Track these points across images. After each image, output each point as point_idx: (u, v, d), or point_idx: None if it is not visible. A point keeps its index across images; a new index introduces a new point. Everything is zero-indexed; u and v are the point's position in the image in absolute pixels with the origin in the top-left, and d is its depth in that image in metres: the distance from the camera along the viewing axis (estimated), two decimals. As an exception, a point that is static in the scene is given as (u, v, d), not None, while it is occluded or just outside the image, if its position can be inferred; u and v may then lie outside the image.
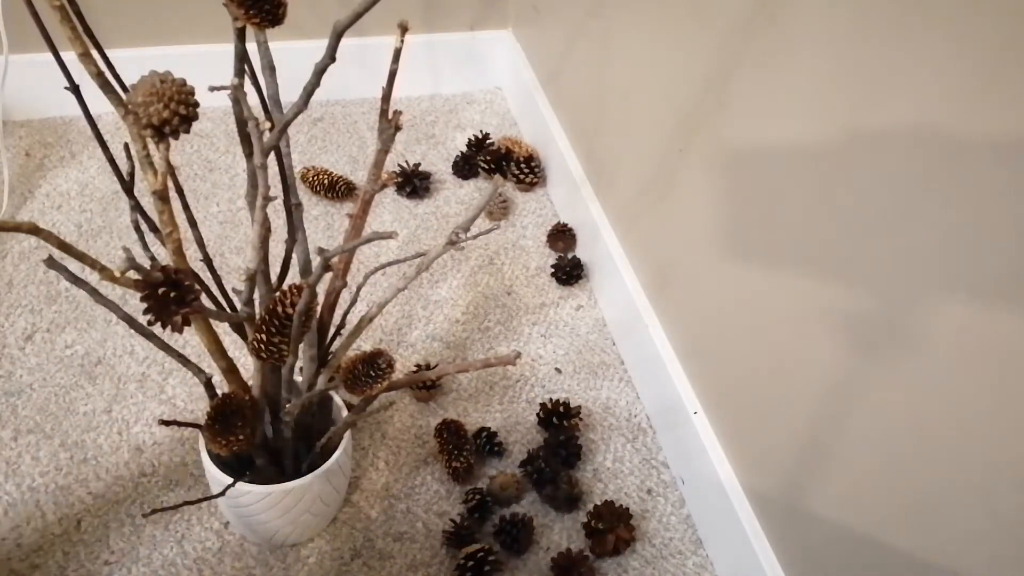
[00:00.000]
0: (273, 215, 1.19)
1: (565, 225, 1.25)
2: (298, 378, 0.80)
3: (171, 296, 0.50)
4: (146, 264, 0.56)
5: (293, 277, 0.88)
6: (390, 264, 0.76)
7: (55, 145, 1.31)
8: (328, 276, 0.78)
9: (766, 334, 0.79)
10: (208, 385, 0.74)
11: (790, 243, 0.74)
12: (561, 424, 0.98)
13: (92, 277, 1.11)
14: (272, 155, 1.03)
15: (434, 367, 1.01)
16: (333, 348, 0.79)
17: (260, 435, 0.78)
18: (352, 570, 0.86)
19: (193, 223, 0.77)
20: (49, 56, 0.65)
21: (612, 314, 1.14)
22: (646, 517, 0.94)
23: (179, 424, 0.68)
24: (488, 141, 1.38)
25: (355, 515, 0.91)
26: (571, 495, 0.92)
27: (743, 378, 0.84)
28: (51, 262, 0.56)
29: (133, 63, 0.84)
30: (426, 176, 1.31)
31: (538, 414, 1.01)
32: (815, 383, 0.72)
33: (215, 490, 0.76)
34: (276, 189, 1.16)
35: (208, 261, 0.79)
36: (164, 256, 1.11)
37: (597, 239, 1.16)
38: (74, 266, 1.12)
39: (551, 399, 1.01)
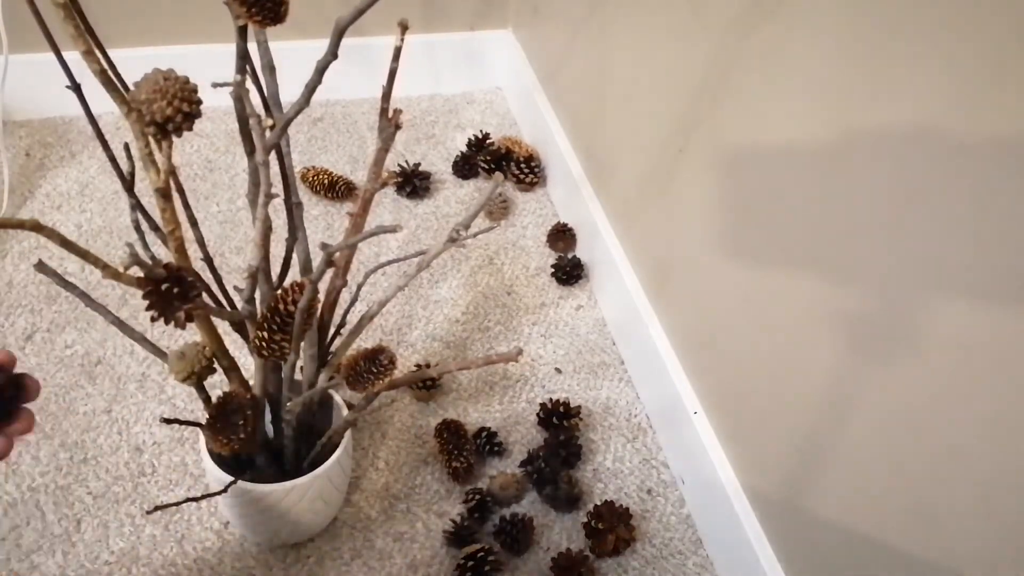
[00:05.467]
0: (273, 214, 1.19)
1: (565, 225, 1.25)
2: (298, 377, 0.80)
3: (174, 292, 0.50)
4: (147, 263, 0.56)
5: (294, 276, 0.88)
6: (390, 263, 0.76)
7: (55, 145, 1.31)
8: (328, 275, 0.78)
9: (766, 334, 0.79)
10: (200, 388, 0.73)
11: (790, 242, 0.74)
12: (561, 424, 0.98)
13: (92, 277, 1.11)
14: (272, 154, 1.03)
15: (435, 366, 1.01)
16: (333, 347, 0.79)
17: (261, 434, 0.78)
18: (352, 570, 0.86)
19: (194, 222, 0.77)
20: (49, 56, 0.65)
21: (612, 314, 1.14)
22: (646, 517, 0.94)
23: (180, 423, 0.68)
24: (488, 141, 1.38)
25: (355, 515, 0.91)
26: (571, 495, 0.92)
27: (743, 378, 0.84)
28: (41, 266, 0.56)
29: (133, 63, 0.84)
30: (426, 176, 1.31)
31: (538, 414, 1.01)
32: (816, 383, 0.72)
33: (216, 490, 0.76)
34: (276, 188, 1.16)
35: (209, 260, 0.79)
36: (165, 255, 1.11)
37: (597, 239, 1.16)
38: (75, 264, 1.11)
39: (551, 399, 1.01)
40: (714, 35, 0.82)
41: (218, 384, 1.00)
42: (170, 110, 0.48)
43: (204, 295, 0.70)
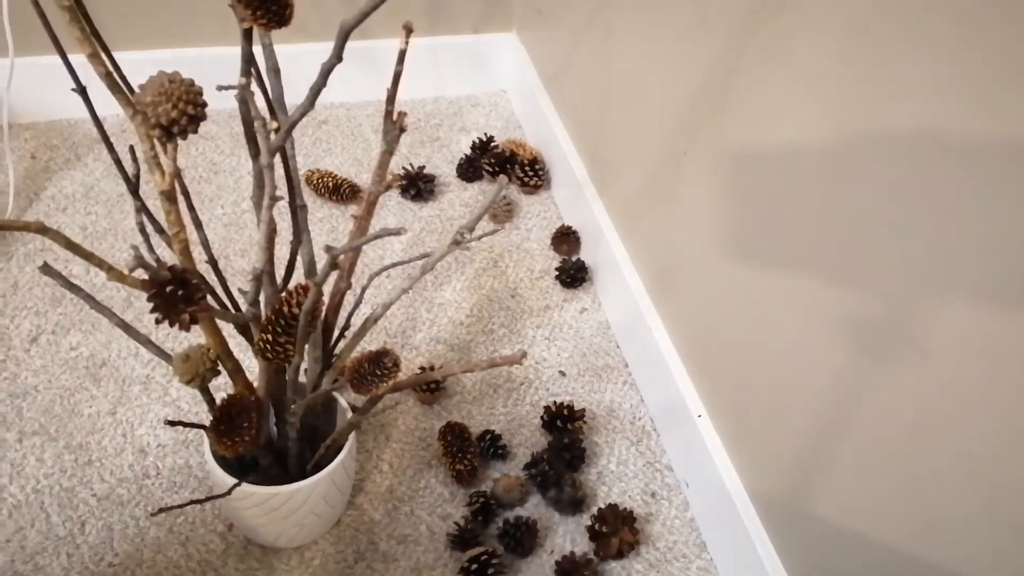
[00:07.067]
0: (278, 217, 1.19)
1: (569, 228, 1.25)
2: (302, 380, 0.80)
3: (178, 294, 0.50)
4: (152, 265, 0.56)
5: (298, 278, 0.88)
6: (394, 265, 0.76)
7: (60, 148, 1.31)
8: (333, 278, 0.78)
9: (771, 337, 0.79)
10: (204, 390, 0.73)
11: (794, 245, 0.74)
12: (565, 427, 0.98)
13: (97, 279, 1.11)
14: (277, 157, 1.03)
15: (439, 368, 1.01)
16: (338, 350, 0.79)
17: (265, 436, 0.78)
18: (356, 573, 0.86)
19: (198, 225, 0.77)
20: (54, 59, 0.66)
21: (616, 317, 1.14)
22: (650, 520, 0.94)
23: (185, 425, 0.68)
24: (492, 144, 1.38)
25: (359, 517, 0.91)
26: (575, 498, 0.92)
27: (747, 381, 0.84)
28: (46, 268, 0.56)
29: (138, 66, 0.84)
30: (430, 179, 1.31)
31: (542, 417, 1.01)
32: (819, 386, 0.72)
33: (219, 492, 0.76)
34: (281, 191, 1.16)
35: (213, 263, 0.79)
36: (169, 258, 1.11)
37: (601, 241, 1.16)
38: (80, 267, 1.12)
39: (555, 402, 1.00)
40: (718, 37, 0.82)
41: (222, 387, 1.00)
42: (175, 113, 0.48)
43: (208, 297, 0.71)
